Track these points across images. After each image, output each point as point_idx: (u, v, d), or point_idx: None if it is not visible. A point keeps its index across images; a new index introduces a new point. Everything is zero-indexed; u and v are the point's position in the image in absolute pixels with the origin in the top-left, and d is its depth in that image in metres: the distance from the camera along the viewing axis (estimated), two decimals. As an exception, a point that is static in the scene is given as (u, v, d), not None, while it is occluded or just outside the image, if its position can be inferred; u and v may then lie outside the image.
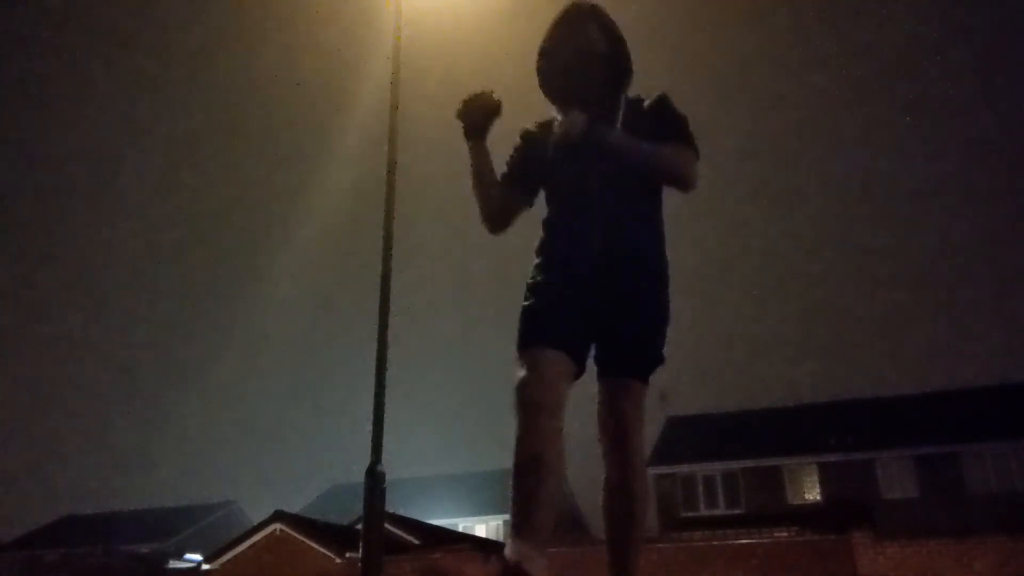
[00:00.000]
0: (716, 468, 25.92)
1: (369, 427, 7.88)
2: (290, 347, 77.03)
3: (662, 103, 2.40)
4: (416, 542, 17.72)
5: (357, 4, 11.80)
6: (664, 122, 2.36)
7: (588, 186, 2.30)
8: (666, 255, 2.35)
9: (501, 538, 31.59)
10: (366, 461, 7.63)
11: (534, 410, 1.99)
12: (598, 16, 2.44)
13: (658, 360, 2.29)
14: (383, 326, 8.22)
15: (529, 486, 1.91)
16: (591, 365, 2.27)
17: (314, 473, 78.60)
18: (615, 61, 2.42)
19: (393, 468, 7.83)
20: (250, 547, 17.66)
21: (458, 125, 2.41)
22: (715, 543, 14.32)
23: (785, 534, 15.36)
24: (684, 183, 2.30)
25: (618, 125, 2.32)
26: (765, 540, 14.51)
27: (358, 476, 7.66)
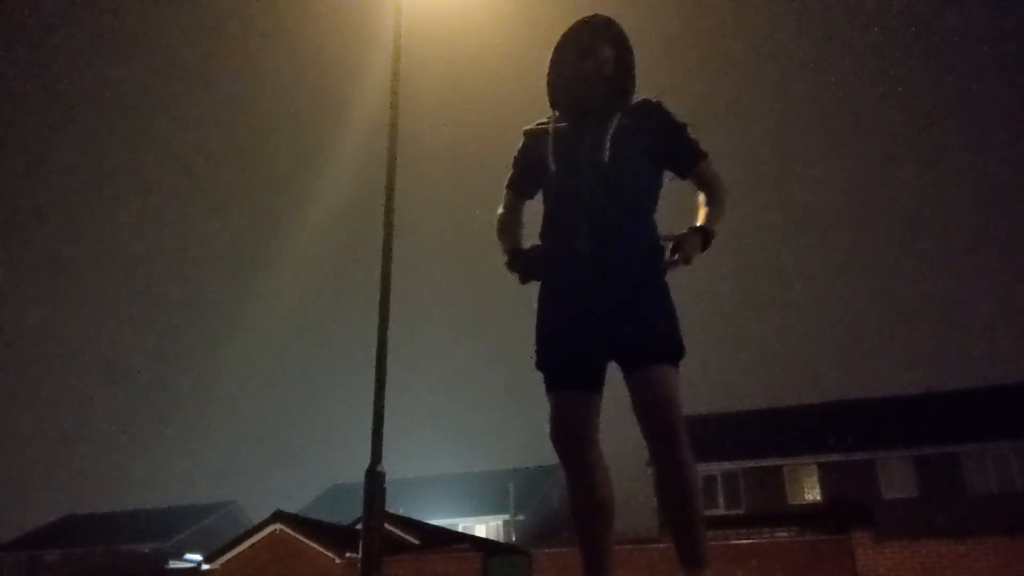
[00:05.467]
0: (716, 468, 25.89)
1: (369, 427, 7.89)
2: (290, 347, 77.08)
3: (662, 115, 2.43)
4: (416, 542, 17.74)
5: (358, 3, 11.80)
6: (678, 141, 2.43)
7: (579, 196, 2.33)
8: (659, 242, 2.34)
9: (501, 538, 31.62)
10: (366, 461, 7.64)
11: (568, 464, 2.25)
12: (612, 34, 2.44)
13: (674, 339, 2.25)
14: (383, 326, 8.23)
15: (585, 534, 2.25)
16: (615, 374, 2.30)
17: (314, 473, 78.61)
18: (622, 82, 2.46)
19: (393, 468, 7.84)
20: (250, 547, 17.66)
21: (459, 124, 2.48)
22: (715, 543, 14.28)
23: (785, 534, 15.37)
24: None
25: (611, 132, 2.36)
26: (765, 540, 14.52)
27: (358, 476, 7.67)
